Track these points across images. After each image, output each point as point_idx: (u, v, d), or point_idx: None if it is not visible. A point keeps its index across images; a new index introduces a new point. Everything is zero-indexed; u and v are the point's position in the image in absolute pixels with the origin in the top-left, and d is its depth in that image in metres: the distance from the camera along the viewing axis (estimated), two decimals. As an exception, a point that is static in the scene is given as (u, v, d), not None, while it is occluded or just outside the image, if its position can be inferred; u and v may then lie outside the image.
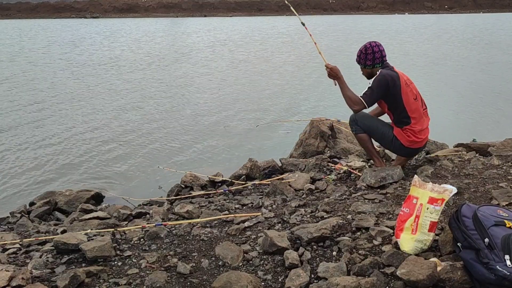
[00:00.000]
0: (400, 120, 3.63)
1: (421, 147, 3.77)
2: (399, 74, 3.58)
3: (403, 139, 3.64)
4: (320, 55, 3.76)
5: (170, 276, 2.30)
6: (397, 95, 3.54)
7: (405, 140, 3.63)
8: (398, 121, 3.66)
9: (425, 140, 3.73)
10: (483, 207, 2.15)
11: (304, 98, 11.15)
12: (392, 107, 3.64)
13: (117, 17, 72.13)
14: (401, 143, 3.65)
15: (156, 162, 6.52)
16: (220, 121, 9.05)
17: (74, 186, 5.50)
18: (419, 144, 3.67)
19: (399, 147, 3.69)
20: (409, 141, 3.63)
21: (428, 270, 1.95)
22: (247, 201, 3.69)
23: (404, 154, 3.77)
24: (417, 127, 3.60)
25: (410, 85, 3.61)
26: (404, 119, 3.60)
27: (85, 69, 16.58)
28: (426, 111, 3.75)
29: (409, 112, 3.57)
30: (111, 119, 9.35)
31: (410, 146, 3.66)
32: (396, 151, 3.81)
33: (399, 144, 3.66)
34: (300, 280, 2.13)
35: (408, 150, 3.71)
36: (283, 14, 67.63)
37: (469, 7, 78.20)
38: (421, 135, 3.64)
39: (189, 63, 18.04)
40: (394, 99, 3.56)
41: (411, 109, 3.57)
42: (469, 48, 21.83)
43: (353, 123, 3.79)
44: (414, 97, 3.60)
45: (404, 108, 3.57)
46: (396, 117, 3.66)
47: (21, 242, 3.03)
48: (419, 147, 3.73)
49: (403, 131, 3.63)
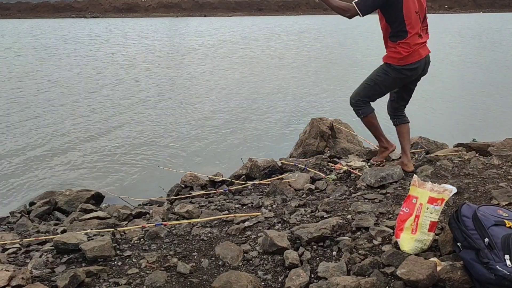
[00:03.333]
0: (396, 33, 3.37)
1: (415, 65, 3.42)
2: None
3: (395, 60, 3.39)
4: None
5: (170, 276, 2.30)
6: (398, 5, 3.27)
7: (397, 58, 3.38)
8: (393, 35, 3.39)
9: (421, 54, 3.41)
10: (483, 207, 2.15)
11: (307, 98, 11.15)
12: (390, 19, 3.37)
13: (117, 17, 72.10)
14: (394, 67, 3.41)
15: (156, 162, 6.51)
16: (220, 121, 9.05)
17: (74, 186, 5.50)
18: (413, 56, 3.37)
19: (395, 73, 3.42)
20: (403, 57, 3.36)
21: (428, 270, 1.95)
22: (247, 201, 3.68)
23: (402, 79, 3.48)
24: (412, 41, 3.34)
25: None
26: (401, 32, 3.34)
27: (85, 68, 16.58)
28: (426, 28, 3.49)
29: (407, 26, 3.31)
30: (111, 119, 9.34)
31: (405, 64, 3.38)
32: (394, 83, 3.51)
33: (394, 71, 3.41)
34: (300, 280, 2.13)
35: (404, 73, 3.43)
36: (283, 14, 67.61)
37: (469, 7, 78.20)
38: (417, 46, 3.37)
39: (190, 63, 18.04)
40: (395, 9, 3.29)
41: (411, 23, 3.31)
42: (469, 48, 21.83)
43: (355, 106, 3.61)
44: (416, 10, 3.33)
45: (403, 20, 3.30)
46: (393, 30, 3.38)
47: (21, 242, 3.03)
48: (414, 61, 3.39)
49: (397, 48, 3.37)
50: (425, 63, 3.50)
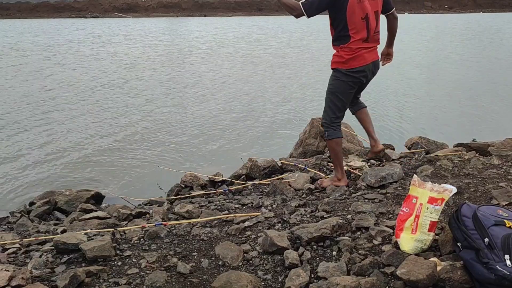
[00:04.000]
0: (339, 37, 3.38)
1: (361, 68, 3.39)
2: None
3: (339, 64, 3.39)
4: None
5: (170, 276, 2.30)
6: (342, 9, 3.25)
7: (341, 62, 3.37)
8: (336, 38, 3.41)
9: (366, 59, 3.39)
10: (483, 207, 2.15)
11: (308, 98, 11.15)
12: (335, 23, 3.38)
13: (116, 17, 72.09)
14: (341, 71, 3.39)
15: (156, 162, 6.51)
16: (220, 121, 9.05)
17: (74, 186, 5.49)
18: (356, 61, 3.35)
19: (344, 77, 3.40)
20: (346, 61, 3.35)
21: (428, 270, 1.95)
22: (247, 201, 3.68)
23: (354, 82, 3.45)
24: (355, 45, 3.33)
25: (364, 2, 3.28)
26: (344, 37, 3.34)
27: (84, 69, 16.57)
28: (377, 35, 3.45)
29: (350, 31, 3.30)
30: (110, 118, 9.34)
31: (349, 68, 3.36)
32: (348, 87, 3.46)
33: (342, 75, 3.40)
34: (300, 280, 2.13)
35: (353, 75, 3.39)
36: (283, 14, 67.56)
37: (469, 7, 78.22)
38: (361, 51, 3.35)
39: (191, 63, 18.03)
40: (339, 12, 3.28)
41: (355, 28, 3.29)
42: (469, 47, 21.83)
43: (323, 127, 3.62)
44: (363, 16, 3.28)
45: (347, 25, 3.29)
46: (337, 34, 3.40)
47: (21, 242, 3.03)
48: (358, 66, 3.37)
49: (339, 52, 3.39)
50: (373, 67, 3.51)
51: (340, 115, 3.59)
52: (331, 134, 3.57)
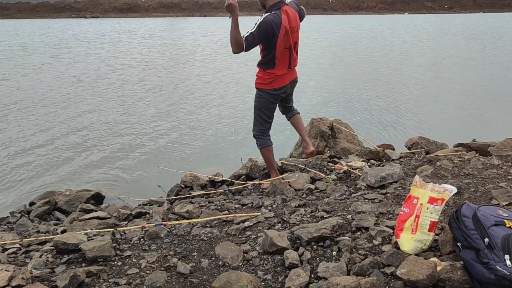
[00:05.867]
0: (267, 62, 3.89)
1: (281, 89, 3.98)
2: (283, 21, 3.72)
3: (263, 85, 3.94)
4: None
5: (170, 276, 2.30)
6: (273, 42, 3.75)
7: (264, 84, 3.93)
8: (264, 62, 3.90)
9: (284, 81, 3.97)
10: (483, 207, 2.15)
11: (308, 98, 11.14)
12: (266, 50, 3.86)
13: (117, 17, 72.09)
14: (264, 90, 3.95)
15: (156, 162, 6.51)
16: (220, 121, 9.05)
17: (74, 186, 5.50)
18: (277, 83, 3.92)
19: (266, 95, 3.96)
20: (268, 83, 3.91)
21: (428, 270, 1.95)
22: (247, 201, 3.68)
23: (275, 98, 4.01)
24: (277, 72, 3.89)
25: (291, 34, 3.81)
26: (270, 63, 3.87)
27: (84, 68, 16.57)
28: (295, 61, 4.00)
29: (276, 59, 3.83)
30: (110, 118, 9.34)
31: (271, 88, 3.93)
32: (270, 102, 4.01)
33: (265, 93, 3.96)
34: (300, 280, 2.12)
35: (273, 93, 3.96)
36: (283, 14, 67.54)
37: (469, 7, 78.16)
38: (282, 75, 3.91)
39: (191, 63, 18.03)
40: (270, 44, 3.78)
41: (280, 56, 3.83)
42: (469, 47, 21.83)
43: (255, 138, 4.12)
44: (287, 46, 3.81)
45: (274, 54, 3.81)
46: (265, 59, 3.89)
47: (21, 242, 3.03)
48: (278, 87, 3.95)
49: (264, 75, 3.92)
50: (292, 84, 4.10)
51: (268, 126, 4.13)
52: (263, 143, 4.11)
